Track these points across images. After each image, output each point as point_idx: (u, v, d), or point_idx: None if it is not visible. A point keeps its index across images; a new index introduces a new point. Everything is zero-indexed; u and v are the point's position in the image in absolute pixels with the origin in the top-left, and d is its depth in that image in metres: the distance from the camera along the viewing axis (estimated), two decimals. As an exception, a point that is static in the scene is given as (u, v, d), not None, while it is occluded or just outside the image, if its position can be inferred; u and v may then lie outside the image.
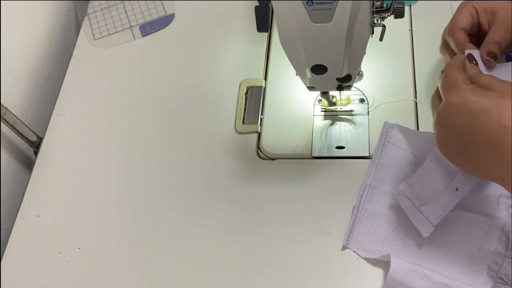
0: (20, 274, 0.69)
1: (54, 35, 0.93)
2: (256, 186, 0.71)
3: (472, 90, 0.52)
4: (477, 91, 0.52)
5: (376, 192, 0.66)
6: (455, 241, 0.61)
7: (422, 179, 0.61)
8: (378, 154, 0.68)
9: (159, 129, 0.78)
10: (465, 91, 0.53)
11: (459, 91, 0.53)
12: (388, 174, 0.67)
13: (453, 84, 0.54)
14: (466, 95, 0.52)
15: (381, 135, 0.69)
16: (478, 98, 0.51)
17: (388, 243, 0.63)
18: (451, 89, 0.54)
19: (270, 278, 0.64)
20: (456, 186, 0.58)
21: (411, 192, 0.62)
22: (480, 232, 0.61)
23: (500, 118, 0.50)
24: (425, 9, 0.81)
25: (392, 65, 0.77)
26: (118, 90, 0.83)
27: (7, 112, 0.77)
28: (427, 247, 0.62)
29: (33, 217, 0.74)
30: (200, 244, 0.68)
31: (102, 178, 0.75)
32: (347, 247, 0.64)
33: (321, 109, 0.76)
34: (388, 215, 0.65)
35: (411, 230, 0.62)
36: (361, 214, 0.65)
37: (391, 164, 0.67)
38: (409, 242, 0.63)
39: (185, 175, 0.74)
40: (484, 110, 0.50)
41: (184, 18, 0.89)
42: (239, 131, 0.76)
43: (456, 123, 0.52)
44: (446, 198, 0.59)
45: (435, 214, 0.60)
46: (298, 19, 0.52)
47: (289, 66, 0.61)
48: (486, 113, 0.50)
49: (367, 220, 0.65)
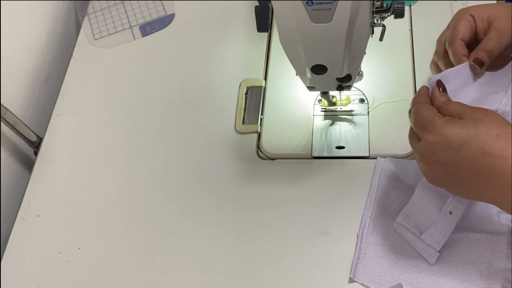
0: (20, 274, 0.69)
1: (54, 35, 0.93)
2: (256, 186, 0.71)
3: (447, 123, 0.53)
4: (452, 123, 0.53)
5: (377, 224, 0.66)
6: (463, 262, 0.61)
7: (416, 207, 0.63)
8: (375, 187, 0.68)
9: (159, 129, 0.78)
10: (441, 126, 0.53)
11: (435, 128, 0.53)
12: (387, 206, 0.67)
13: (426, 122, 0.54)
14: (443, 131, 0.53)
15: (376, 170, 0.69)
16: (456, 130, 0.52)
17: (396, 271, 0.63)
18: (426, 127, 0.54)
19: (270, 278, 0.64)
20: (449, 209, 0.60)
21: (409, 222, 0.63)
22: (487, 251, 0.60)
23: (482, 146, 0.51)
24: (425, 9, 0.81)
25: (392, 65, 0.77)
26: (118, 90, 0.83)
27: (7, 112, 0.77)
28: (436, 270, 0.61)
29: (33, 217, 0.74)
30: (200, 244, 0.68)
31: (102, 178, 0.75)
32: (354, 280, 0.63)
33: (321, 109, 0.76)
34: (392, 244, 0.64)
35: (417, 256, 0.62)
36: (366, 247, 0.64)
37: (388, 195, 0.67)
38: (417, 268, 0.62)
39: (185, 175, 0.74)
40: (465, 142, 0.51)
41: (184, 18, 0.89)
42: (239, 131, 0.76)
43: (441, 159, 0.53)
44: (442, 223, 0.60)
45: (436, 240, 0.61)
46: (298, 19, 0.52)
47: (289, 66, 0.61)
48: (467, 144, 0.51)
49: (372, 252, 0.64)
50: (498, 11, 0.65)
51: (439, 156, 0.53)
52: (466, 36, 0.64)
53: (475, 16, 0.65)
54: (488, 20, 0.65)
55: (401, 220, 0.64)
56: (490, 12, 0.65)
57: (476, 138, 0.51)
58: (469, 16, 0.65)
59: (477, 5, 0.66)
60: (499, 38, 0.64)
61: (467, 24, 0.65)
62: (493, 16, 0.65)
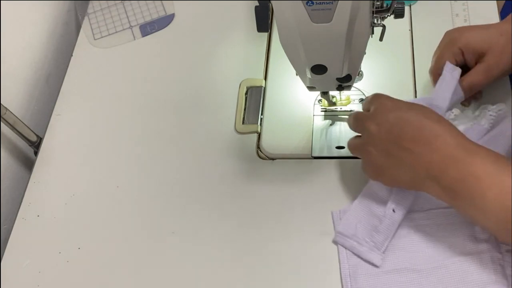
0: (20, 274, 0.69)
1: (54, 35, 0.93)
2: (256, 186, 0.71)
3: (382, 102, 0.60)
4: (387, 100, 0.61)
5: (358, 280, 0.62)
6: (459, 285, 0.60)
7: (358, 214, 0.65)
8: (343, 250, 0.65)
9: (159, 129, 0.78)
10: (382, 98, 0.60)
11: (373, 103, 0.61)
12: (360, 259, 0.64)
13: (361, 115, 0.62)
14: (383, 100, 0.60)
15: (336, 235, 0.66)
16: (394, 100, 0.60)
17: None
18: (368, 117, 0.60)
19: (269, 278, 0.64)
20: (392, 207, 0.62)
21: (351, 231, 0.64)
22: (477, 270, 0.59)
23: (423, 111, 0.57)
24: (425, 9, 0.81)
25: (392, 65, 0.77)
26: (118, 90, 0.83)
27: (7, 112, 0.77)
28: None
29: (33, 217, 0.74)
30: (200, 244, 0.68)
31: (102, 178, 0.75)
32: None
33: (321, 109, 0.76)
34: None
35: None
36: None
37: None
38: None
39: (185, 175, 0.74)
40: (409, 105, 0.58)
41: (184, 18, 0.89)
42: (239, 131, 0.76)
43: (389, 117, 0.58)
44: (386, 222, 0.62)
45: (380, 241, 0.62)
46: (298, 19, 0.52)
47: (289, 66, 0.61)
48: (412, 106, 0.58)
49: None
50: (491, 39, 0.64)
51: (388, 114, 0.58)
52: None
53: (464, 49, 0.66)
54: (480, 52, 0.65)
55: (343, 229, 0.64)
56: (482, 43, 0.64)
57: (416, 105, 0.58)
58: (457, 49, 0.66)
59: (469, 33, 0.66)
60: (486, 73, 0.65)
61: (453, 59, 0.66)
62: (485, 47, 0.64)
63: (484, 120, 0.66)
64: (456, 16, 0.79)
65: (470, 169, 0.52)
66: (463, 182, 0.53)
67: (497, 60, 0.64)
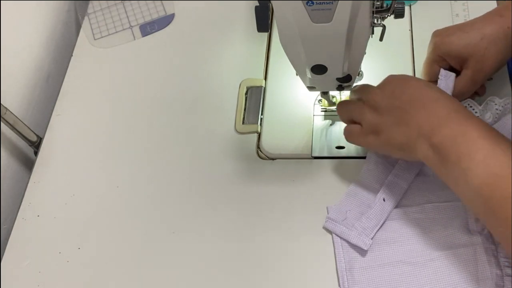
0: (20, 274, 0.69)
1: (54, 35, 0.93)
2: (256, 186, 0.71)
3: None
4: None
5: (354, 274, 0.62)
6: (450, 277, 0.60)
7: (349, 201, 0.66)
8: (338, 241, 0.65)
9: (158, 129, 0.78)
10: (373, 87, 0.64)
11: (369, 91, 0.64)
12: (356, 253, 0.64)
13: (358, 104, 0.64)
14: (388, 78, 0.63)
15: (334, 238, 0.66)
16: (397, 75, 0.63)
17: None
18: (372, 88, 0.63)
19: (270, 278, 0.64)
20: (382, 197, 0.64)
21: (341, 216, 0.65)
22: (470, 262, 0.60)
23: (421, 82, 0.60)
24: (425, 9, 0.81)
25: (392, 65, 0.77)
26: (118, 90, 0.83)
27: (7, 112, 0.77)
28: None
29: (33, 217, 0.74)
30: (200, 244, 0.68)
31: (102, 178, 0.75)
32: None
33: (321, 109, 0.76)
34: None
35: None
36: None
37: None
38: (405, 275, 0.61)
39: (185, 175, 0.74)
40: (406, 77, 0.62)
41: (184, 18, 0.89)
42: (239, 131, 0.76)
43: (393, 81, 0.61)
44: (376, 209, 0.64)
45: (370, 227, 0.63)
46: (298, 19, 0.52)
47: (289, 66, 0.61)
48: (409, 78, 0.62)
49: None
50: (472, 44, 0.64)
51: (391, 80, 0.62)
52: (436, 78, 0.67)
53: (445, 57, 0.67)
54: (462, 58, 0.65)
55: (333, 215, 0.65)
56: (463, 49, 0.65)
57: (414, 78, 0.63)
58: (439, 57, 0.67)
59: (449, 38, 0.66)
60: (472, 80, 0.65)
61: (437, 66, 0.68)
62: (466, 54, 0.65)
63: (489, 113, 0.66)
64: (456, 16, 0.79)
65: (463, 129, 0.53)
66: (453, 140, 0.53)
67: (480, 65, 0.64)
